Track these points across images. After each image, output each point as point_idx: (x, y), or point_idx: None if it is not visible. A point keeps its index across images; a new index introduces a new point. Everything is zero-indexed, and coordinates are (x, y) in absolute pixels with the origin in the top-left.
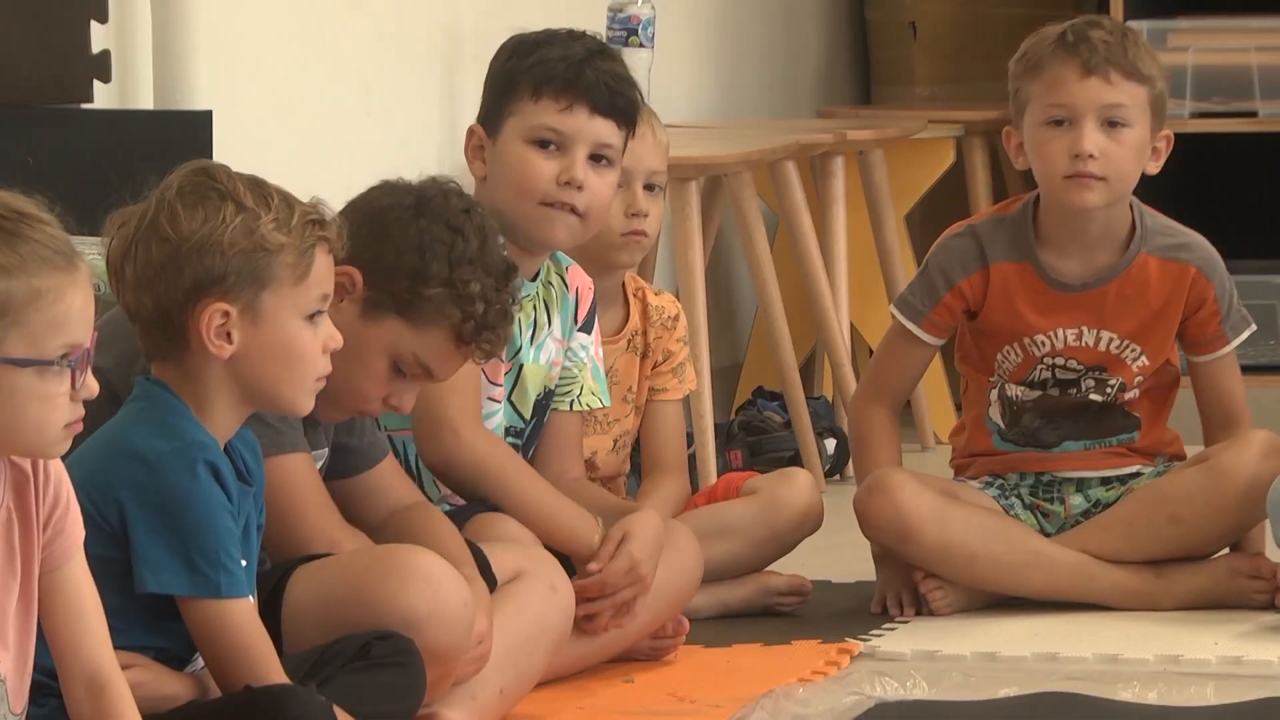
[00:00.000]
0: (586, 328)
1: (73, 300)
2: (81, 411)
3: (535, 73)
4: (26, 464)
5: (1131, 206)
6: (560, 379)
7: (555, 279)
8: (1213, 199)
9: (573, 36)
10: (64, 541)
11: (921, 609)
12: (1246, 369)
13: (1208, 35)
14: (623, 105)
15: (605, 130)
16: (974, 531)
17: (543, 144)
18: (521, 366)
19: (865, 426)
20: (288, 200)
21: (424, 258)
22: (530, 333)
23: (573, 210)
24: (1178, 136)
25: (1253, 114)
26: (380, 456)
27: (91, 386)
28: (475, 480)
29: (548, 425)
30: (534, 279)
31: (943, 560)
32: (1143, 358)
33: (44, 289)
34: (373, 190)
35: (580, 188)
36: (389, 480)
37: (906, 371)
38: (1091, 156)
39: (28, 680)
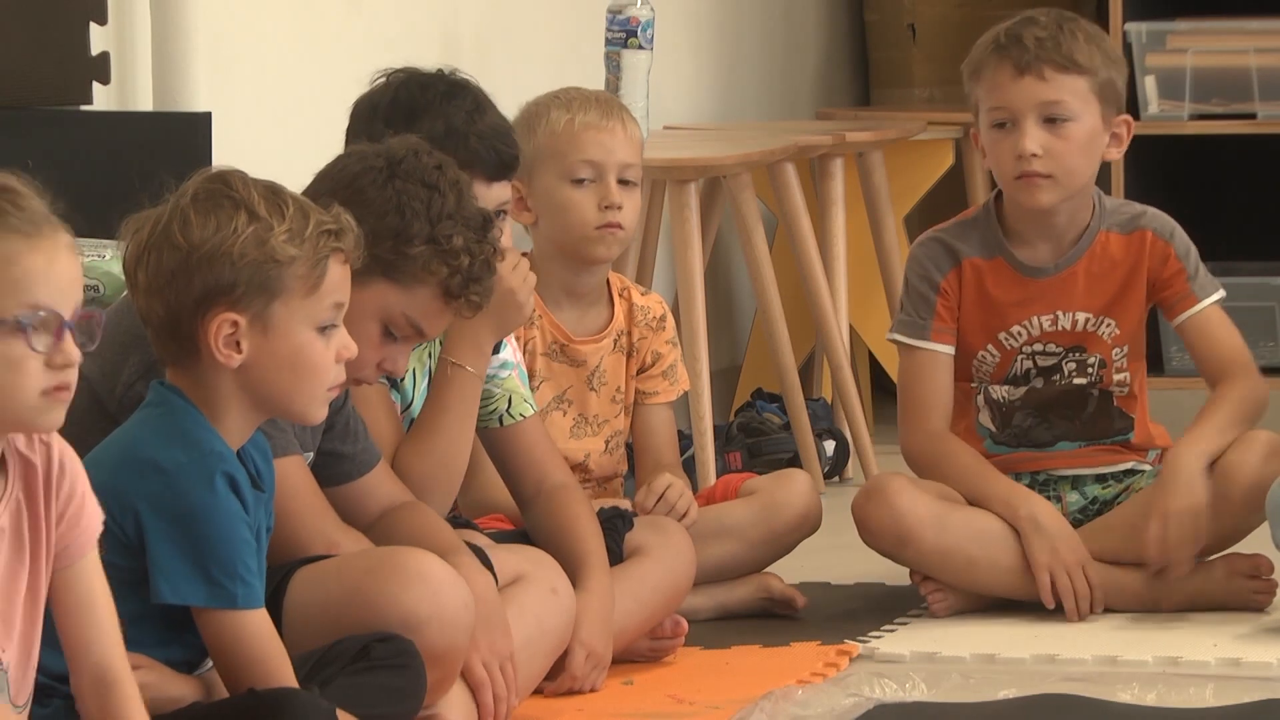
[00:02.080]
0: (498, 348)
1: (33, 263)
2: (64, 379)
3: None
4: (36, 456)
5: (1090, 192)
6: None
7: None
8: (1212, 201)
9: (443, 93)
10: (78, 537)
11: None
12: None
13: (1207, 37)
14: (510, 162)
15: (500, 192)
16: (973, 536)
17: None
18: (413, 419)
19: (941, 461)
20: (304, 210)
21: (404, 217)
22: (425, 381)
23: None
24: (1177, 139)
25: (1251, 116)
26: (373, 462)
27: (68, 352)
28: None
29: (502, 444)
30: None
31: (942, 565)
32: (1115, 329)
33: (3, 254)
34: (341, 158)
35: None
36: (381, 484)
37: (937, 392)
38: (1035, 155)
39: (32, 673)
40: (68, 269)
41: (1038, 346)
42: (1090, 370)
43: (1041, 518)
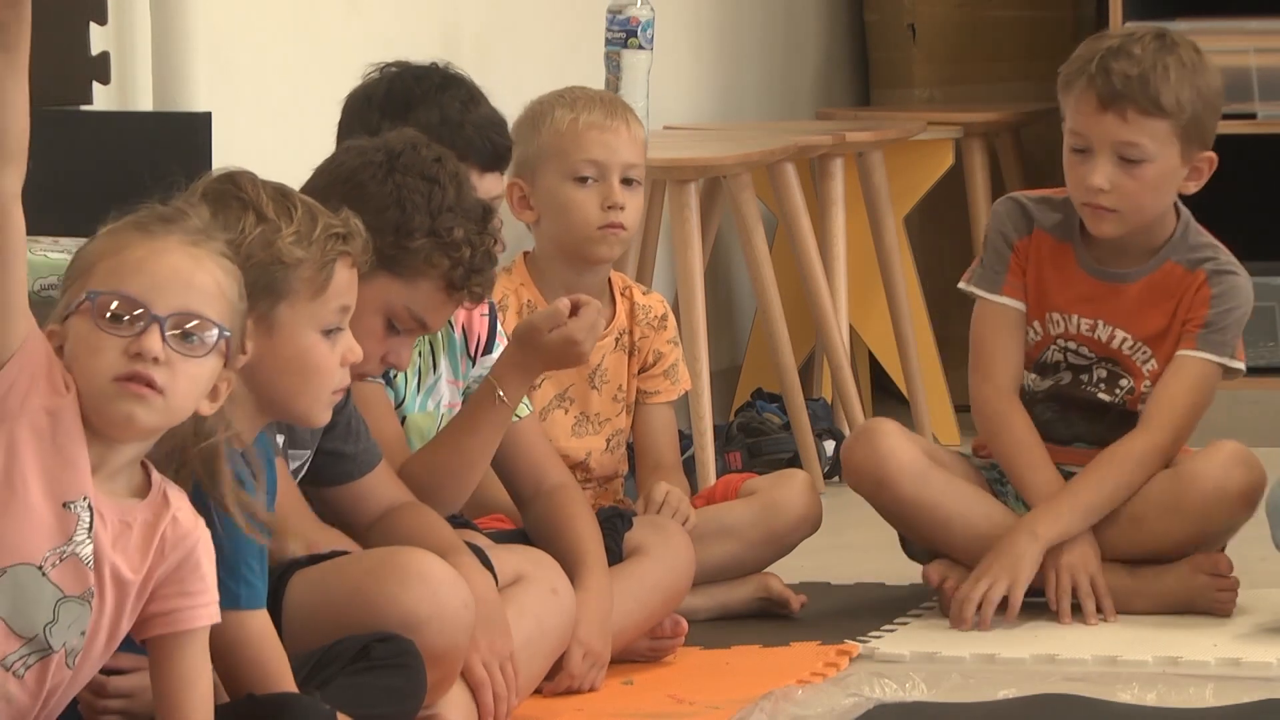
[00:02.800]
0: (490, 348)
1: (133, 255)
2: (136, 369)
3: None
4: (173, 497)
5: (1179, 215)
6: None
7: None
8: (1211, 201)
9: (437, 84)
10: (186, 607)
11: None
12: (1246, 370)
13: (1206, 37)
14: (503, 153)
15: (492, 183)
16: (952, 497)
17: None
18: (405, 419)
19: (1000, 427)
20: (312, 212)
21: (405, 211)
22: (416, 381)
23: None
24: None
25: (1251, 116)
26: (375, 462)
27: (146, 344)
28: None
29: (500, 444)
30: None
31: (916, 517)
32: (1153, 361)
33: (115, 246)
34: (339, 153)
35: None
36: (382, 484)
37: (1006, 346)
38: (1102, 190)
39: (101, 660)
40: (172, 270)
41: (1070, 345)
42: (1119, 392)
43: (1041, 528)
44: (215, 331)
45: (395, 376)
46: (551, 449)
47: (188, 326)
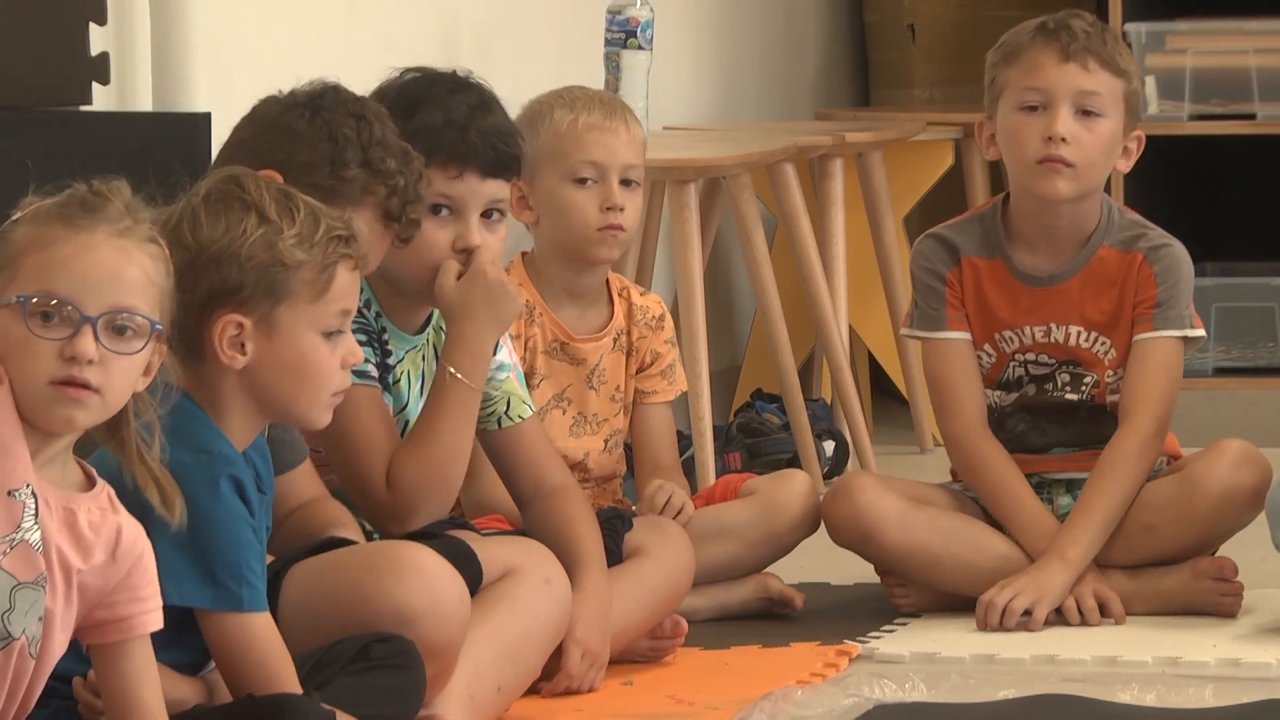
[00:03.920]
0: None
1: (59, 252)
2: (78, 375)
3: (420, 141)
4: (121, 515)
5: (1101, 202)
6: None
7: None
8: (1211, 201)
9: (448, 88)
10: (139, 613)
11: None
12: (1246, 371)
13: (1206, 38)
14: (508, 160)
15: (495, 189)
16: (938, 535)
17: (433, 209)
18: (408, 422)
19: (977, 465)
20: (315, 215)
21: (338, 144)
22: (419, 384)
23: None
24: (1177, 139)
25: (1251, 116)
26: (307, 453)
27: (79, 346)
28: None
29: (501, 446)
30: (421, 330)
31: (907, 563)
32: (1112, 351)
33: (41, 239)
34: (260, 105)
35: (477, 248)
36: (307, 477)
37: (966, 379)
38: (1064, 140)
39: (61, 648)
40: (100, 267)
41: (1030, 356)
42: (1084, 388)
43: (1071, 553)
44: (147, 324)
45: (396, 382)
46: (552, 450)
47: (119, 322)
